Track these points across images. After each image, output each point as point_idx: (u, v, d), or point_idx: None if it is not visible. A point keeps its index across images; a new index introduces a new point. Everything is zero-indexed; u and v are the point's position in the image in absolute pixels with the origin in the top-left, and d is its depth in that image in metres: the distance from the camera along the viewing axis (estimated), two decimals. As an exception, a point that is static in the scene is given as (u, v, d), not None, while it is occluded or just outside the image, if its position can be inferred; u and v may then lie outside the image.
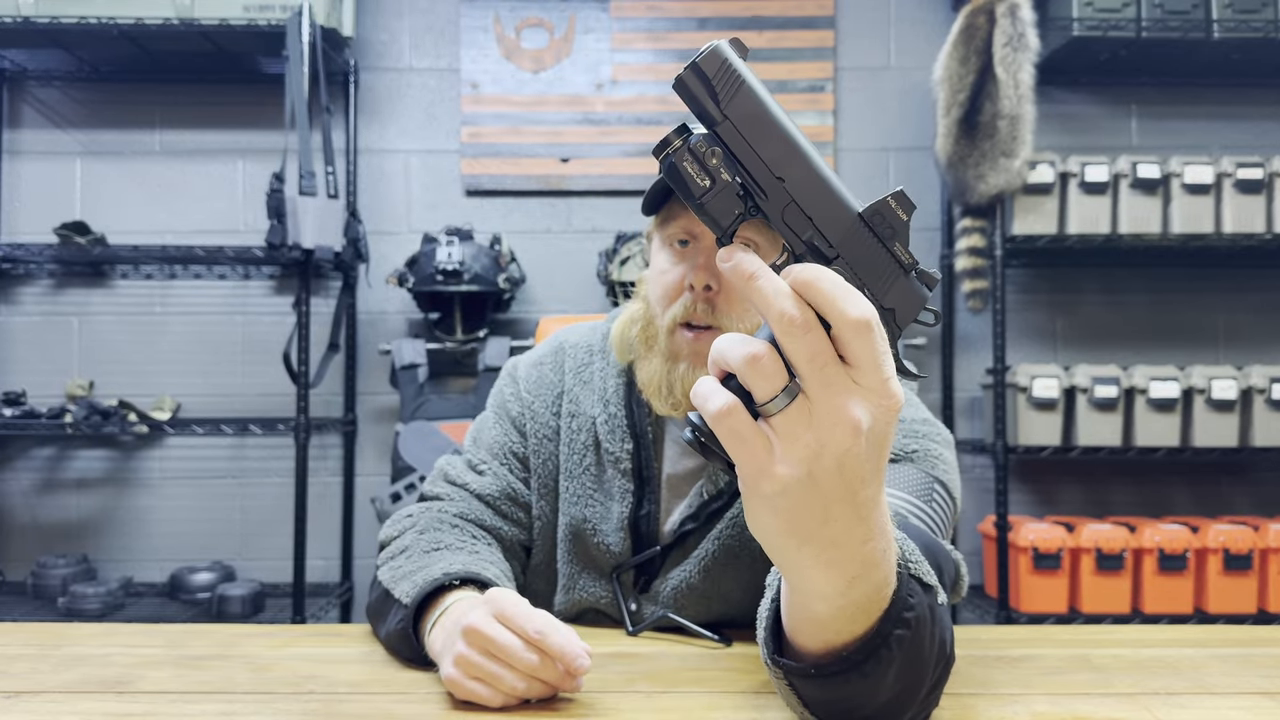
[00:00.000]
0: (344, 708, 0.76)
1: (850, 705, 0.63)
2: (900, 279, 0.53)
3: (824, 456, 0.50)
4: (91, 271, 2.77)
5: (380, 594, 0.97)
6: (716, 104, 0.50)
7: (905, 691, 0.64)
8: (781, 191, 0.51)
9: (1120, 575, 2.42)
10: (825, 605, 0.57)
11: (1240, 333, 2.80)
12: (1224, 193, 2.52)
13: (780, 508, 0.52)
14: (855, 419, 0.50)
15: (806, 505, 0.52)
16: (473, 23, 2.79)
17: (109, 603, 2.38)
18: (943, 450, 0.96)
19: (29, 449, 2.76)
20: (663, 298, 1.00)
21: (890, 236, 0.52)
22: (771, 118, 0.51)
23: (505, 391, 1.17)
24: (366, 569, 2.76)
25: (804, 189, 0.51)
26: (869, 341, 0.49)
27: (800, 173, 0.51)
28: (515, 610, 0.75)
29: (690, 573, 1.04)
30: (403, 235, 2.78)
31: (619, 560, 1.07)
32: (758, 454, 0.51)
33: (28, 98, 2.78)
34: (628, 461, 1.07)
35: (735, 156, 0.51)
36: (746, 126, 0.51)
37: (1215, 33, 2.49)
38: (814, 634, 0.60)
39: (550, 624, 0.75)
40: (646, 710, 0.75)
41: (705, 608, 1.04)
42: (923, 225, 2.81)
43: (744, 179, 0.51)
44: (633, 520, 1.06)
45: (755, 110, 0.50)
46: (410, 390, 2.57)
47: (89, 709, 0.76)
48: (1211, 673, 0.87)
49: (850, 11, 2.82)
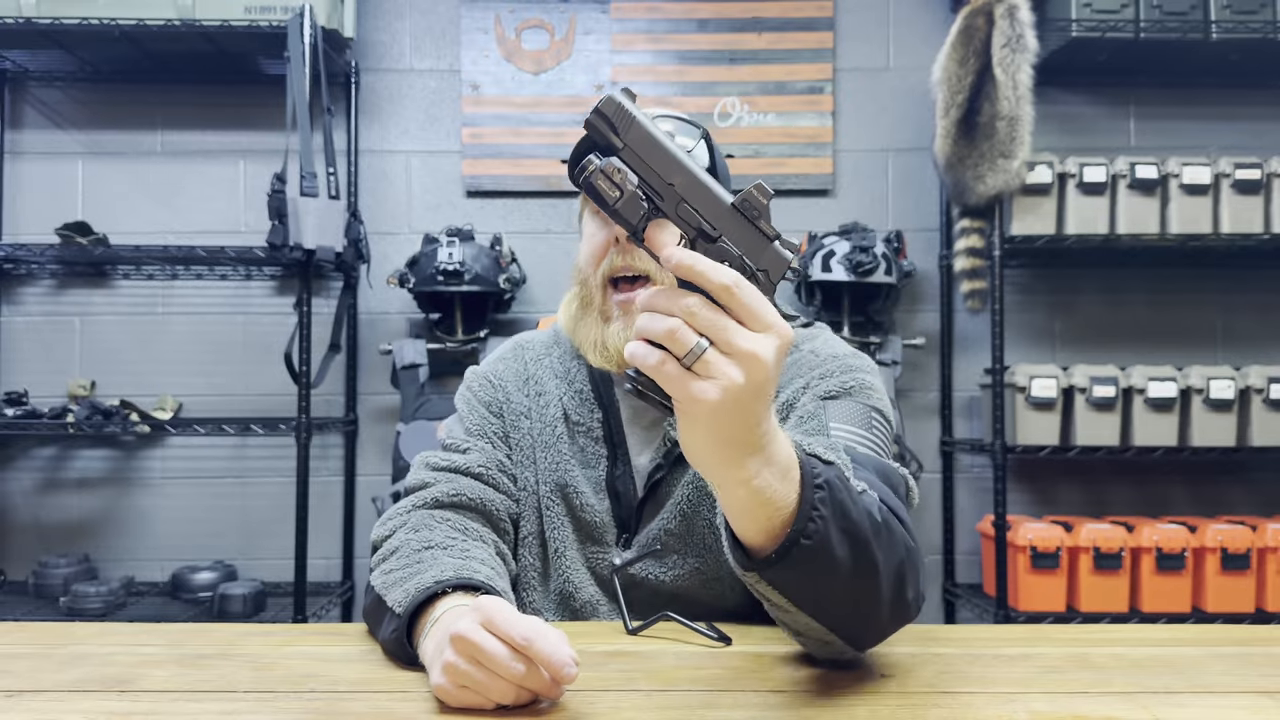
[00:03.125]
0: (345, 706, 0.77)
1: (822, 584, 0.76)
2: (768, 247, 0.68)
3: (741, 382, 0.64)
4: (93, 272, 2.77)
5: (374, 600, 0.97)
6: (617, 135, 0.68)
7: (862, 569, 0.76)
8: (673, 193, 0.67)
9: (1118, 574, 2.42)
10: (746, 490, 0.70)
11: (1238, 333, 2.81)
12: (1222, 193, 2.52)
13: (710, 425, 0.66)
14: (752, 350, 0.64)
15: (729, 418, 0.66)
16: (473, 24, 2.80)
17: (110, 602, 2.39)
18: (872, 380, 1.09)
19: (31, 449, 2.76)
20: (591, 257, 1.12)
21: (756, 217, 0.67)
22: (657, 141, 0.68)
23: (473, 387, 1.23)
24: (367, 568, 2.76)
25: (689, 190, 0.67)
26: (737, 297, 0.64)
27: (684, 179, 0.67)
28: (502, 618, 0.75)
29: (668, 519, 1.11)
30: (403, 236, 2.78)
31: (602, 520, 1.13)
32: (688, 387, 0.65)
33: (29, 98, 2.79)
34: (599, 429, 1.16)
35: (635, 171, 0.67)
36: (641, 149, 0.67)
37: (1213, 34, 2.50)
38: (754, 525, 0.73)
39: (537, 630, 0.74)
40: (646, 709, 0.76)
41: (685, 553, 1.10)
42: (922, 226, 2.81)
43: (644, 188, 0.67)
44: (609, 481, 1.14)
45: (645, 137, 0.68)
46: (411, 390, 2.57)
47: (90, 708, 0.76)
48: (1210, 671, 0.87)
49: (849, 13, 2.83)
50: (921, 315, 2.82)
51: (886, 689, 0.81)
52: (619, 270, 1.09)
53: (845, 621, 0.81)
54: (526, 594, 1.16)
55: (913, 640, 0.97)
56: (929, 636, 0.99)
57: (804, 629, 0.82)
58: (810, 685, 0.82)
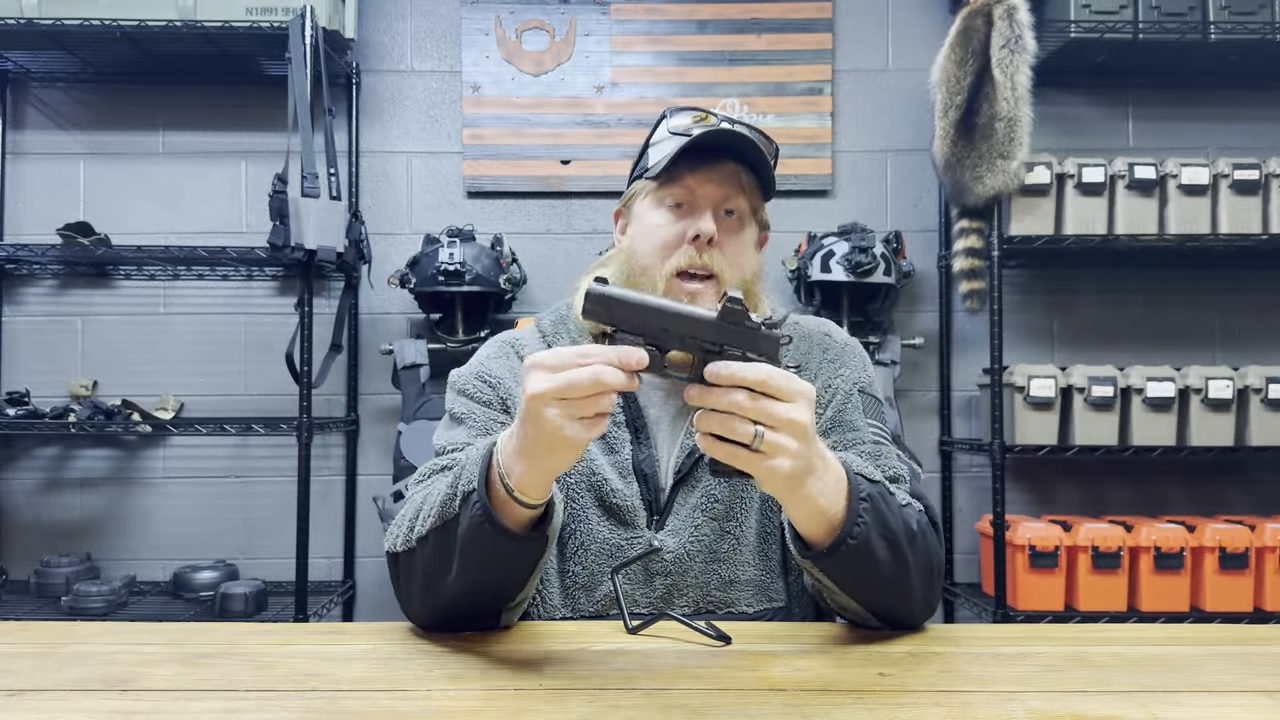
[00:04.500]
0: (346, 705, 0.77)
1: (862, 575, 0.95)
2: (758, 335, 0.84)
3: (796, 447, 0.84)
4: (95, 272, 2.78)
5: (431, 530, 0.96)
6: (609, 314, 0.83)
7: (897, 567, 0.95)
8: (669, 335, 0.83)
9: (1117, 574, 2.43)
10: (807, 505, 0.90)
11: (1236, 333, 2.81)
12: (1220, 194, 2.52)
13: (779, 478, 0.85)
14: (793, 419, 0.82)
15: (800, 471, 0.85)
16: (474, 25, 2.80)
17: (112, 601, 2.39)
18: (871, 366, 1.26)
19: (33, 448, 2.77)
20: (660, 248, 1.15)
21: (739, 319, 0.83)
22: (640, 304, 0.83)
23: (467, 390, 1.19)
24: (368, 567, 2.77)
25: (680, 326, 0.83)
26: (770, 385, 0.81)
27: (671, 321, 0.83)
28: (546, 353, 0.83)
29: (712, 484, 1.14)
30: (404, 236, 2.79)
31: (631, 504, 1.14)
32: (761, 467, 0.84)
33: (31, 99, 2.79)
34: (620, 415, 1.18)
35: (635, 333, 0.83)
36: (631, 316, 0.83)
37: (1212, 34, 2.50)
38: (811, 527, 0.92)
39: (584, 349, 0.82)
40: (646, 708, 0.76)
41: (718, 525, 1.14)
42: (921, 227, 2.82)
43: (647, 343, 0.83)
44: (635, 464, 1.15)
45: (629, 306, 0.83)
46: (412, 390, 2.58)
47: (92, 707, 0.76)
48: (1208, 670, 0.88)
49: (848, 14, 2.83)
50: (920, 315, 2.82)
51: (886, 688, 0.81)
52: (696, 267, 1.13)
53: (880, 605, 0.99)
54: (543, 589, 1.14)
55: (911, 639, 0.97)
56: (927, 635, 1.00)
57: (845, 606, 1.00)
58: (810, 685, 0.82)
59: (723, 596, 1.13)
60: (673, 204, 1.16)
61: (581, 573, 1.14)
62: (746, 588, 1.13)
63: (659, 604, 1.12)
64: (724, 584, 1.13)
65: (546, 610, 1.14)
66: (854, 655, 0.92)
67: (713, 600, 1.13)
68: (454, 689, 0.81)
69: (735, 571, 1.13)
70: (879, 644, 0.96)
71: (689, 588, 1.12)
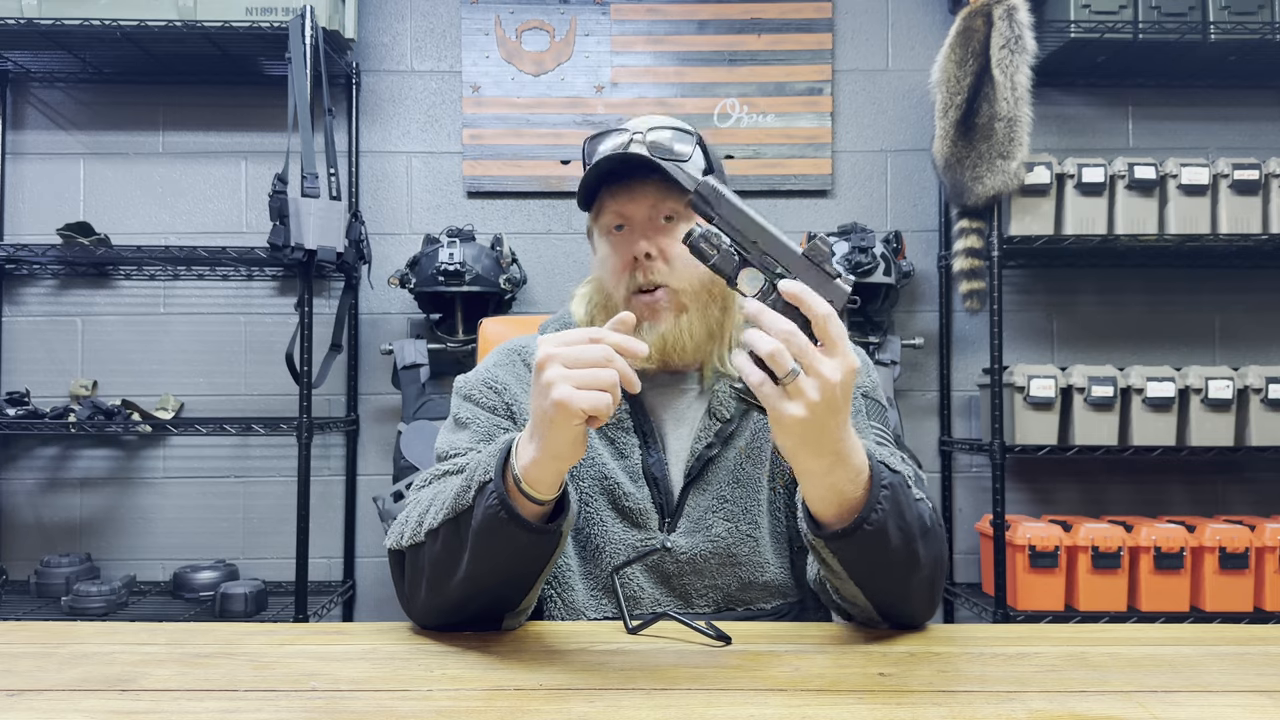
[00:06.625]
0: (346, 705, 0.77)
1: (874, 561, 0.93)
2: (830, 283, 0.85)
3: (817, 399, 0.82)
4: (95, 272, 2.78)
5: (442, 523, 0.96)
6: (712, 210, 0.88)
7: (909, 557, 0.94)
8: (756, 249, 0.87)
9: (1116, 574, 2.43)
10: (823, 483, 0.90)
11: (1236, 333, 2.81)
12: (1220, 194, 2.52)
13: (796, 433, 0.84)
14: (828, 376, 0.82)
15: (813, 429, 0.83)
16: (474, 25, 2.80)
17: (112, 601, 2.39)
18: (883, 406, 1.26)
19: (33, 448, 2.77)
20: (614, 274, 1.19)
21: (821, 261, 0.86)
22: (742, 212, 0.87)
23: (473, 395, 1.20)
24: (368, 567, 2.77)
25: (768, 246, 0.87)
26: (829, 325, 0.82)
27: (763, 238, 0.87)
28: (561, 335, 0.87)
29: (722, 485, 1.16)
30: (404, 236, 2.79)
31: (644, 507, 1.15)
32: (779, 405, 0.83)
33: (31, 99, 2.80)
34: (628, 420, 1.19)
35: (727, 235, 0.88)
36: (730, 218, 0.88)
37: (1211, 35, 2.50)
38: (825, 508, 0.92)
39: (595, 329, 0.87)
40: (646, 708, 0.76)
41: (733, 526, 1.15)
42: (921, 227, 2.82)
43: (735, 247, 0.88)
44: (645, 468, 1.17)
45: (732, 210, 0.88)
46: (412, 390, 2.58)
47: (92, 707, 0.76)
48: (1208, 671, 0.87)
49: (848, 14, 2.83)
50: (920, 315, 2.82)
51: (886, 688, 0.81)
52: (643, 285, 1.17)
53: (887, 598, 0.98)
54: (565, 592, 1.15)
55: (911, 639, 0.97)
56: (927, 635, 1.00)
57: (850, 597, 0.98)
58: (810, 685, 0.82)
59: (742, 597, 1.15)
60: (614, 226, 1.20)
61: (601, 575, 1.16)
62: (765, 589, 1.15)
63: (677, 605, 1.14)
64: (743, 585, 1.15)
65: (570, 613, 1.15)
66: (854, 655, 0.92)
67: (732, 600, 1.15)
68: (454, 689, 0.81)
69: (755, 573, 1.15)
70: (879, 644, 0.96)
71: (708, 589, 1.14)
